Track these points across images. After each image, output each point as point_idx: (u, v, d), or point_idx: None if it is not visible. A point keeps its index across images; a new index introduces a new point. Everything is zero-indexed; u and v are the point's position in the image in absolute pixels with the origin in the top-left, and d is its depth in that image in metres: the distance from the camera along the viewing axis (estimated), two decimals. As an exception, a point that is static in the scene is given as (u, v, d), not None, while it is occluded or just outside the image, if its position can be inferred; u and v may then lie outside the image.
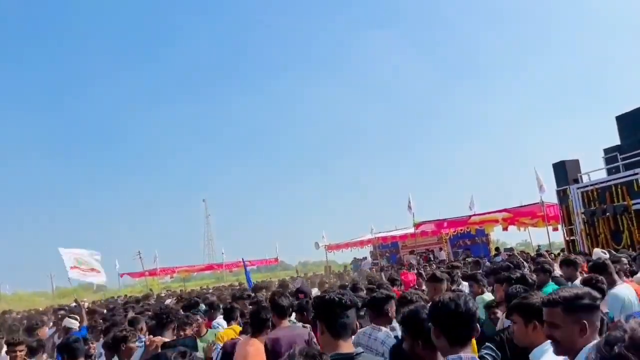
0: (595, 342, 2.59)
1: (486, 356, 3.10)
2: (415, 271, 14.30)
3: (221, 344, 4.99)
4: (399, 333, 3.40)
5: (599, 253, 10.29)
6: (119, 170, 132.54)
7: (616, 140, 16.97)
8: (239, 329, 5.70)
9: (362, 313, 4.24)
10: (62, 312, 8.52)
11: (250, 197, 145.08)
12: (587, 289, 2.37)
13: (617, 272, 5.63)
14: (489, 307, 5.24)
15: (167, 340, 3.75)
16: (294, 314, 5.61)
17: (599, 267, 5.25)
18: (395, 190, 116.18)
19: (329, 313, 2.59)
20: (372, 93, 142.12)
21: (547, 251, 16.80)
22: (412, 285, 10.41)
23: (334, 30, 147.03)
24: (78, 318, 7.65)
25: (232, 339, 5.10)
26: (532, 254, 16.55)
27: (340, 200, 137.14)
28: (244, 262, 13.61)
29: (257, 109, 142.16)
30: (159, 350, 2.48)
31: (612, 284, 4.97)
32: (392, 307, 4.02)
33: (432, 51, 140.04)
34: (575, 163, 17.09)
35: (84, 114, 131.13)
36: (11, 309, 22.10)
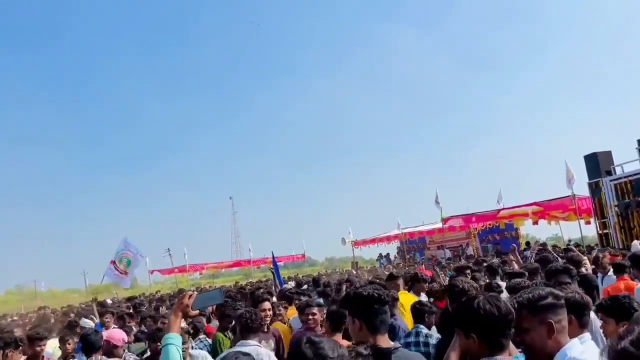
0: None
1: None
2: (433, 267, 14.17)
3: None
4: None
5: (637, 245, 10.09)
6: (147, 169, 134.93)
7: (650, 131, 16.51)
8: None
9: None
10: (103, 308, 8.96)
11: (277, 194, 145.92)
12: (549, 289, 2.33)
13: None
14: None
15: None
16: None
17: (638, 259, 5.26)
18: (422, 185, 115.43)
19: (368, 309, 2.59)
20: (394, 88, 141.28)
21: (576, 245, 16.47)
22: None
23: (348, 23, 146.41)
24: (94, 318, 7.95)
25: None
26: (563, 248, 16.26)
27: (367, 195, 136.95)
28: (273, 256, 13.58)
29: (282, 103, 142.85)
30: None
31: None
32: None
33: (453, 44, 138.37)
34: (608, 155, 16.68)
35: (110, 111, 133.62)
36: (47, 305, 22.78)
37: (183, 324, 4.62)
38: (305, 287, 11.40)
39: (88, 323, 7.65)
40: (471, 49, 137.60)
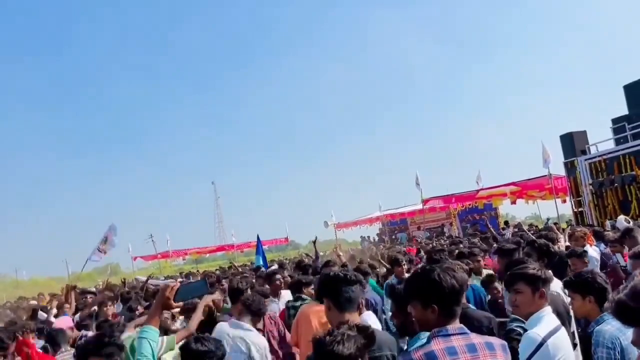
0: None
1: (516, 328, 3.03)
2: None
3: None
4: None
5: (622, 221, 10.33)
6: (129, 155, 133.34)
7: (625, 110, 16.81)
8: None
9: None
10: (90, 295, 8.78)
11: (259, 179, 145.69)
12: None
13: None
14: (486, 282, 5.30)
15: None
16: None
17: (627, 232, 6.06)
18: (404, 167, 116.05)
19: (334, 288, 2.68)
20: (377, 71, 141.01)
21: (555, 224, 16.80)
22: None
23: (345, 10, 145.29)
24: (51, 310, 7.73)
25: None
26: (541, 227, 16.55)
27: (349, 178, 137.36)
28: (259, 240, 13.60)
29: (264, 90, 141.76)
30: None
31: (636, 244, 5.44)
32: None
33: (439, 29, 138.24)
34: (583, 134, 16.96)
35: (95, 100, 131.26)
36: (26, 295, 22.50)
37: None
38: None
39: (42, 315, 7.57)
40: (447, 29, 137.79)
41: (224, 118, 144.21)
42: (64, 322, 5.30)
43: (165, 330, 4.40)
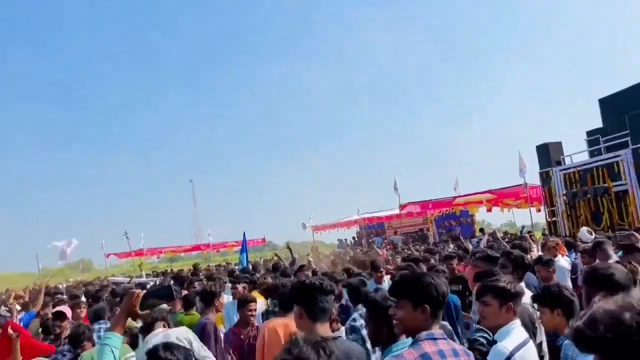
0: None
1: (480, 338, 3.08)
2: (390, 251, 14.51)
3: None
4: None
5: (585, 233, 10.52)
6: (106, 152, 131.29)
7: (599, 123, 17.18)
8: None
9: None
10: (58, 295, 8.40)
11: (238, 179, 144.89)
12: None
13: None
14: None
15: None
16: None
17: (598, 245, 6.20)
18: (383, 172, 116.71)
19: (309, 297, 2.66)
20: (358, 75, 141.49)
21: (529, 232, 17.06)
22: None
23: (323, 12, 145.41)
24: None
25: None
26: (516, 235, 16.78)
27: (328, 181, 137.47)
28: (244, 238, 13.49)
29: (246, 92, 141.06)
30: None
31: (607, 259, 5.66)
32: None
33: (421, 34, 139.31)
34: (558, 145, 17.27)
35: (70, 95, 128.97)
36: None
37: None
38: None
39: (3, 311, 7.37)
40: (430, 36, 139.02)
41: (205, 117, 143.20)
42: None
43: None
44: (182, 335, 3.95)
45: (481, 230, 22.66)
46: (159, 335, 3.88)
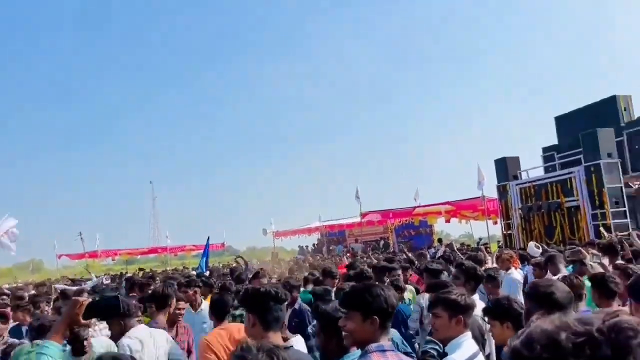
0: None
1: (430, 350, 3.08)
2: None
3: None
4: None
5: (532, 247, 10.82)
6: (63, 149, 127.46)
7: (555, 140, 17.78)
8: None
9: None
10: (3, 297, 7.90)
11: (199, 182, 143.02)
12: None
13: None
14: None
15: None
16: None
17: (550, 259, 6.43)
18: (345, 180, 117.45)
19: (263, 305, 2.63)
20: (320, 78, 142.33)
21: (485, 244, 17.45)
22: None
23: (290, 11, 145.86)
24: None
25: None
26: (472, 246, 17.13)
27: (290, 187, 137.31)
28: (208, 242, 13.34)
29: (210, 93, 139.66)
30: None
31: (557, 272, 5.83)
32: None
33: (382, 40, 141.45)
34: (516, 160, 17.77)
35: (30, 91, 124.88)
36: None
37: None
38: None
39: None
40: (396, 49, 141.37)
41: (166, 118, 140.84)
42: None
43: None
44: (163, 336, 3.84)
45: (439, 240, 23.01)
46: (141, 330, 3.73)
